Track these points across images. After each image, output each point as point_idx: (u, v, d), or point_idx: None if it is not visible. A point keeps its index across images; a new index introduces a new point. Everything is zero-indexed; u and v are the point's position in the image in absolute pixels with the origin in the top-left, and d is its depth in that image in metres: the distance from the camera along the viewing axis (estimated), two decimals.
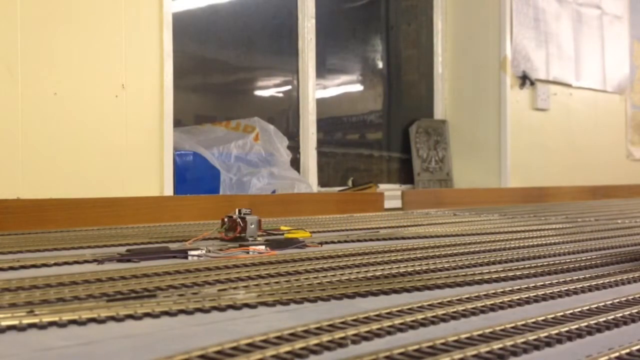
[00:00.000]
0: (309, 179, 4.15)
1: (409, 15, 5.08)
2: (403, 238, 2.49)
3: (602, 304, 1.30)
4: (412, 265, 1.77)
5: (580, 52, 5.59)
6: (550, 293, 1.41)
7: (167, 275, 1.59)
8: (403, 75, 5.07)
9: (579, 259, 1.93)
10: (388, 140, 4.90)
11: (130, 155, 3.05)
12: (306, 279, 1.56)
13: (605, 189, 5.78)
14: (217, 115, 4.00)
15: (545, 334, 1.06)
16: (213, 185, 3.44)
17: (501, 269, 1.72)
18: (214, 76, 4.07)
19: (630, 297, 1.37)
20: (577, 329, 1.10)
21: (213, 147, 3.54)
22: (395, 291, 1.44)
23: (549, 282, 1.54)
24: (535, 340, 1.03)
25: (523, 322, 1.13)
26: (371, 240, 2.43)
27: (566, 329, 1.09)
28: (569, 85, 5.51)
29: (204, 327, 1.14)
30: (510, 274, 1.65)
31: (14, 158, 2.74)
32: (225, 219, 2.31)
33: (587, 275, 1.65)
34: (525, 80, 5.07)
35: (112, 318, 1.16)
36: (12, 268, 1.70)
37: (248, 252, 2.00)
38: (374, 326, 1.09)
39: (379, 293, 1.41)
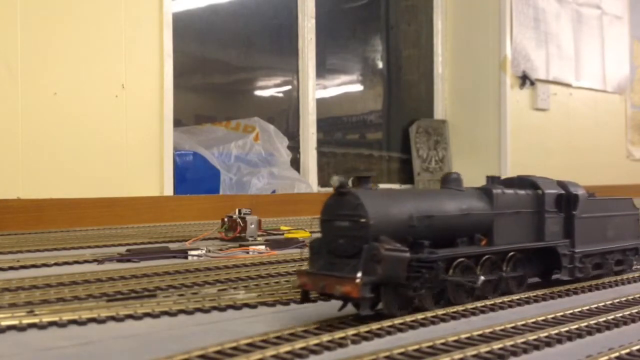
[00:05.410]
0: (309, 179, 4.14)
1: (409, 15, 5.08)
2: None
3: (602, 304, 1.30)
4: None
5: (580, 52, 5.59)
6: (550, 293, 1.41)
7: (167, 275, 1.59)
8: (403, 75, 5.06)
9: None
10: (388, 140, 4.90)
11: (130, 155, 3.05)
12: None
13: (605, 189, 5.76)
14: (217, 115, 3.99)
15: (545, 334, 1.06)
16: (213, 185, 3.43)
17: None
18: (214, 76, 4.06)
19: (630, 297, 1.37)
20: (577, 329, 1.10)
21: (213, 147, 3.54)
22: None
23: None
24: (535, 340, 1.03)
25: (523, 322, 1.13)
26: None
27: (566, 329, 1.09)
28: (569, 85, 5.51)
29: (203, 327, 1.14)
30: None
31: (14, 158, 2.74)
32: (225, 219, 2.31)
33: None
34: (525, 80, 5.07)
35: (112, 318, 1.16)
36: (12, 268, 1.70)
37: (248, 252, 2.00)
38: (374, 326, 1.09)
39: None
